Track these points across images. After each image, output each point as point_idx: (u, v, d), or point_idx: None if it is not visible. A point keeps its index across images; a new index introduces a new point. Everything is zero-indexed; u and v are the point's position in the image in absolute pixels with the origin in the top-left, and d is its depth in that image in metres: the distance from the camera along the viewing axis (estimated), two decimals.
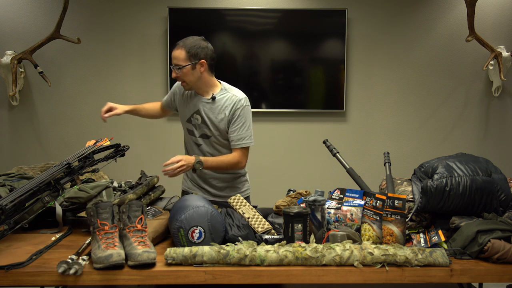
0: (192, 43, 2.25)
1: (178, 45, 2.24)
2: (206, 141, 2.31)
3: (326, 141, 2.19)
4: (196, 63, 2.21)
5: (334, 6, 3.86)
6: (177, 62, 2.19)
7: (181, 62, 2.19)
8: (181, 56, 2.20)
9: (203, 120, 2.28)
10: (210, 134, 2.29)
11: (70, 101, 3.90)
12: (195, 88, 2.29)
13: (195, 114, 2.30)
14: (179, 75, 2.21)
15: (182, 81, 2.23)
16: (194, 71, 2.22)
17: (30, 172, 2.21)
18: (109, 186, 1.95)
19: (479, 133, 4.01)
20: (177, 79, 2.24)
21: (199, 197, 1.78)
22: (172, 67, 2.23)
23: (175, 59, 2.20)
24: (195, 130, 2.32)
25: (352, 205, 1.76)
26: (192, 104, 2.31)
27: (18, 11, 3.80)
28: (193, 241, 1.59)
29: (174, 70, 2.20)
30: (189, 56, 2.21)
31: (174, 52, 2.22)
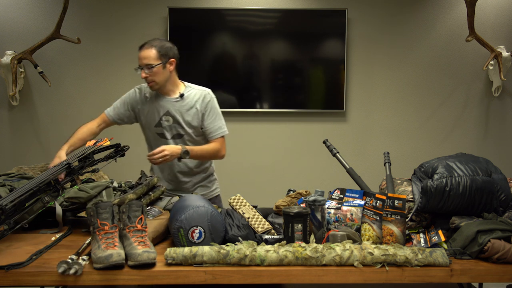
0: (160, 43, 2.26)
1: (146, 45, 2.24)
2: (178, 141, 2.33)
3: (326, 141, 2.19)
4: (166, 62, 2.25)
5: (334, 6, 3.86)
6: (148, 62, 2.20)
7: (152, 61, 2.21)
8: (152, 55, 2.22)
9: (175, 119, 2.30)
10: (183, 132, 2.32)
11: (70, 101, 3.90)
12: (162, 88, 2.30)
13: (165, 116, 2.32)
14: (149, 75, 2.21)
15: (151, 81, 2.23)
16: (165, 70, 2.26)
17: (30, 172, 2.21)
18: (109, 186, 1.95)
19: (479, 133, 4.01)
20: (146, 80, 2.23)
21: (199, 197, 1.78)
22: (139, 68, 2.22)
23: (145, 58, 2.21)
24: (166, 132, 2.33)
25: (352, 205, 1.76)
26: (158, 107, 2.32)
27: (18, 11, 3.80)
28: (193, 241, 1.59)
29: (144, 70, 2.20)
30: (160, 55, 2.23)
31: (144, 53, 2.22)
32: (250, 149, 3.97)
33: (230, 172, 3.95)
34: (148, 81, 2.25)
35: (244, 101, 3.90)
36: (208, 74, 3.90)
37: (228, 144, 2.50)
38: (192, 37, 3.82)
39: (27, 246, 1.65)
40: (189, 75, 3.94)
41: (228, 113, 3.89)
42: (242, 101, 3.90)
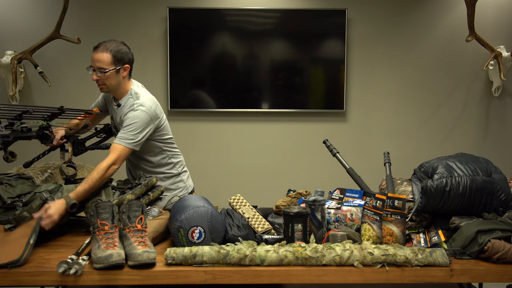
0: (116, 47, 2.17)
1: (101, 48, 2.14)
2: None
3: (326, 141, 2.19)
4: (120, 68, 2.17)
5: (334, 6, 3.86)
6: (101, 66, 2.12)
7: (106, 66, 2.12)
8: (107, 60, 2.13)
9: (114, 125, 2.32)
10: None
11: (70, 101, 3.89)
12: (113, 92, 2.24)
13: (111, 120, 2.36)
14: (100, 78, 2.14)
15: (102, 84, 2.17)
16: (117, 75, 2.17)
17: (30, 172, 2.21)
18: (108, 185, 1.96)
19: (479, 133, 4.01)
20: (97, 82, 2.17)
21: (199, 197, 1.78)
22: (92, 69, 2.16)
23: (99, 62, 2.12)
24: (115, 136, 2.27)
25: (352, 205, 1.76)
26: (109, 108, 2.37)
27: (18, 11, 3.80)
28: (193, 241, 1.59)
29: (96, 73, 2.14)
30: (114, 60, 2.14)
31: (98, 55, 2.13)
32: (250, 149, 3.97)
33: (230, 172, 3.96)
34: (98, 84, 2.18)
35: (244, 101, 3.90)
36: (208, 74, 3.90)
37: (228, 144, 2.50)
38: (192, 37, 3.82)
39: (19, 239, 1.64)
40: (189, 75, 3.95)
41: (228, 113, 3.90)
42: (242, 101, 3.90)
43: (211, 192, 2.70)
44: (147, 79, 3.94)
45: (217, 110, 3.87)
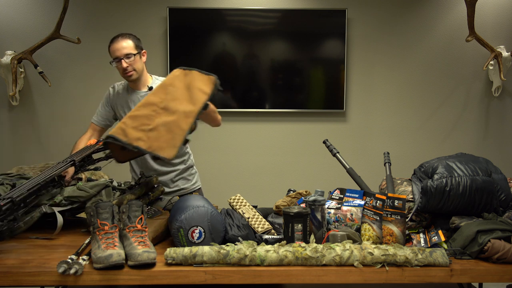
0: (131, 34, 2.33)
1: (120, 37, 2.28)
2: None
3: (326, 141, 2.19)
4: (140, 52, 2.31)
5: (334, 6, 3.86)
6: (127, 51, 2.25)
7: (132, 51, 2.25)
8: (131, 44, 2.27)
9: None
10: None
11: (70, 101, 3.90)
12: (138, 79, 2.31)
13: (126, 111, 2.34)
14: (130, 64, 2.24)
15: (132, 70, 2.25)
16: (141, 60, 2.30)
17: (30, 172, 2.21)
18: (109, 185, 1.96)
19: (479, 133, 4.01)
20: (127, 70, 2.25)
21: (199, 197, 1.78)
22: (116, 60, 2.25)
23: (125, 48, 2.25)
24: None
25: (352, 205, 1.76)
26: (130, 101, 2.35)
27: (18, 11, 3.80)
28: (193, 241, 1.59)
29: (124, 60, 2.23)
30: (135, 45, 2.29)
31: (121, 43, 2.25)
32: (250, 149, 3.97)
33: (230, 172, 3.96)
34: (128, 71, 2.26)
35: (244, 101, 3.90)
36: None
37: (228, 144, 2.51)
38: (192, 37, 3.82)
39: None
40: None
41: (228, 113, 3.89)
42: (242, 101, 3.90)
43: (211, 192, 2.71)
44: None
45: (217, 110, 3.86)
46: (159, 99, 1.70)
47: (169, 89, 1.72)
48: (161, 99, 1.70)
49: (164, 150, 1.62)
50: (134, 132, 1.64)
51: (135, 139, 1.63)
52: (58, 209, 1.83)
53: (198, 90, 1.71)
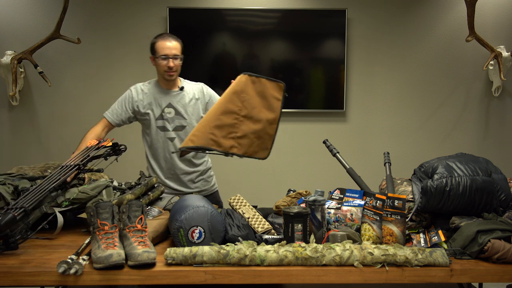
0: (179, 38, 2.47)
1: (171, 37, 2.42)
2: (180, 133, 2.43)
3: (326, 141, 2.19)
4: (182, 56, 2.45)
5: (334, 6, 3.86)
6: (176, 53, 2.39)
7: (179, 53, 2.41)
8: (179, 47, 2.42)
9: (177, 111, 2.43)
10: (185, 124, 2.43)
11: (70, 101, 3.90)
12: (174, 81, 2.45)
13: (167, 108, 2.42)
14: (175, 65, 2.38)
15: (175, 71, 2.40)
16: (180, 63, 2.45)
17: (30, 172, 2.21)
18: (109, 186, 1.96)
19: (479, 133, 4.01)
20: (172, 69, 2.37)
21: (199, 197, 1.78)
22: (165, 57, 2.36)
23: (175, 49, 2.39)
24: (168, 124, 2.42)
25: (352, 205, 1.76)
26: (160, 100, 2.43)
27: (18, 11, 3.80)
28: (193, 241, 1.59)
29: (172, 60, 2.37)
30: (181, 49, 2.44)
31: (173, 44, 2.39)
32: None
33: (230, 172, 3.95)
34: (173, 71, 2.39)
35: None
36: (208, 74, 3.90)
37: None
38: (192, 37, 3.82)
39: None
40: (189, 75, 3.94)
41: None
42: None
43: None
44: (147, 79, 3.93)
45: None
46: (237, 107, 1.88)
47: (244, 97, 1.89)
48: (239, 107, 1.88)
49: (258, 153, 1.92)
50: (226, 141, 1.86)
51: (229, 147, 1.87)
52: (59, 209, 1.84)
53: (273, 97, 1.90)
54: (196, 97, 2.47)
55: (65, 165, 1.93)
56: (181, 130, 2.44)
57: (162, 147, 2.45)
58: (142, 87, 2.49)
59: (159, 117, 2.42)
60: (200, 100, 2.48)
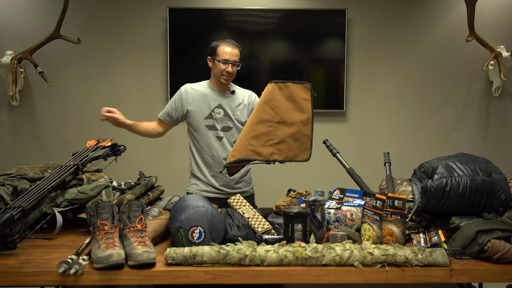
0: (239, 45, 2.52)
1: (233, 44, 2.49)
2: (226, 133, 2.49)
3: (326, 141, 2.19)
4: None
5: (334, 6, 3.86)
6: (236, 60, 2.47)
7: (238, 61, 2.49)
8: (239, 55, 2.49)
9: (226, 112, 2.49)
10: (232, 125, 2.49)
11: (70, 101, 3.90)
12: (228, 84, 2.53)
13: (217, 109, 2.49)
14: (233, 71, 2.46)
15: (231, 76, 2.48)
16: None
17: (30, 172, 2.21)
18: (109, 186, 1.96)
19: (479, 133, 4.01)
20: (231, 74, 2.47)
21: (199, 197, 1.78)
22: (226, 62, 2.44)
23: (236, 56, 2.47)
24: (217, 124, 2.49)
25: (352, 205, 1.76)
26: (210, 100, 2.50)
27: (18, 11, 3.80)
28: (193, 241, 1.59)
29: (232, 65, 2.45)
30: (240, 57, 2.50)
31: (235, 50, 2.47)
32: None
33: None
34: (230, 76, 2.47)
35: None
36: (208, 74, 3.89)
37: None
38: (192, 37, 3.82)
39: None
40: (189, 75, 3.94)
41: None
42: None
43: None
44: (147, 79, 3.94)
45: None
46: (269, 115, 1.95)
47: (273, 104, 1.95)
48: (271, 114, 1.95)
49: (299, 156, 1.98)
50: (265, 149, 1.94)
51: (270, 155, 1.94)
52: (58, 209, 1.84)
53: (302, 99, 1.96)
54: (244, 102, 2.54)
55: (64, 165, 1.93)
56: (228, 131, 2.49)
57: (210, 145, 2.49)
58: (192, 86, 2.57)
59: (209, 116, 2.49)
60: (247, 106, 2.55)
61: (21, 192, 1.81)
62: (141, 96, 3.90)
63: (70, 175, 1.90)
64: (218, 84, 2.52)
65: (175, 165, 3.87)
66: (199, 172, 2.55)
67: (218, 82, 2.51)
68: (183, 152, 3.11)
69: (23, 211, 1.61)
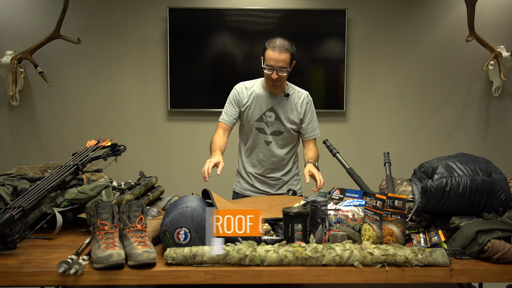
0: (291, 46, 2.34)
1: (281, 48, 2.29)
2: (276, 138, 2.43)
3: (326, 141, 2.19)
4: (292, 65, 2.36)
5: (334, 6, 3.86)
6: (283, 65, 2.28)
7: (287, 65, 2.30)
8: (288, 60, 2.30)
9: (277, 116, 2.41)
10: (283, 130, 2.42)
11: (70, 101, 3.90)
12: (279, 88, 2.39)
13: (268, 112, 2.41)
14: (279, 77, 2.29)
15: (278, 81, 2.32)
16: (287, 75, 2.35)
17: (30, 172, 2.21)
18: (109, 186, 1.96)
19: (479, 133, 4.01)
20: (276, 80, 2.31)
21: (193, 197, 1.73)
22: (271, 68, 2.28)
23: (282, 62, 2.27)
24: (267, 128, 2.43)
25: (353, 205, 1.75)
26: (263, 102, 2.41)
27: (18, 11, 3.80)
28: (180, 242, 1.56)
29: (277, 72, 2.28)
30: (291, 60, 2.33)
31: (281, 56, 2.27)
32: None
33: (230, 172, 3.95)
34: (276, 81, 2.32)
35: None
36: (208, 74, 3.90)
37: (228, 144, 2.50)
38: (192, 37, 3.82)
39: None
40: (189, 75, 3.95)
41: None
42: None
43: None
44: (147, 79, 3.94)
45: (217, 110, 3.86)
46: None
47: None
48: None
49: None
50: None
51: None
52: (58, 209, 1.83)
53: None
54: (297, 106, 2.43)
55: (64, 165, 1.93)
56: (279, 135, 2.44)
57: (258, 148, 2.47)
58: (246, 85, 2.50)
59: (259, 119, 2.43)
60: (300, 110, 2.44)
61: (21, 192, 1.80)
62: (141, 96, 3.90)
63: (70, 175, 1.90)
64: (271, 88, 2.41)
65: (175, 165, 3.88)
66: (244, 172, 2.56)
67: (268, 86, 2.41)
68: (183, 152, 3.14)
69: (23, 211, 1.61)
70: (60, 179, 1.83)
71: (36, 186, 1.77)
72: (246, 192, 2.52)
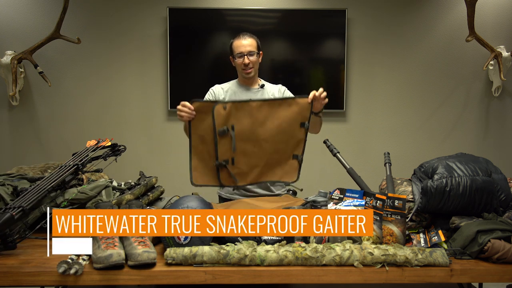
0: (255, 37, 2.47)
1: (246, 35, 2.43)
2: None
3: (326, 141, 2.19)
4: (259, 52, 2.46)
5: (334, 6, 3.86)
6: (251, 49, 2.39)
7: (255, 49, 2.41)
8: (254, 44, 2.42)
9: None
10: None
11: (70, 101, 3.90)
12: (253, 77, 2.45)
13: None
14: (251, 61, 2.38)
15: (251, 67, 2.40)
16: (258, 60, 2.44)
17: (30, 172, 2.21)
18: (109, 186, 1.96)
19: (479, 133, 4.01)
20: (247, 66, 2.39)
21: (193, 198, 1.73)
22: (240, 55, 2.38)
23: (250, 46, 2.40)
24: None
25: (353, 205, 1.75)
26: (240, 96, 2.43)
27: (18, 11, 3.80)
28: (180, 242, 1.56)
29: (247, 56, 2.38)
30: (257, 45, 2.44)
31: (247, 41, 2.40)
32: None
33: None
34: (248, 68, 2.39)
35: None
36: (208, 74, 3.90)
37: None
38: (192, 37, 3.82)
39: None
40: (189, 75, 3.95)
41: None
42: None
43: (211, 192, 2.70)
44: (147, 79, 3.94)
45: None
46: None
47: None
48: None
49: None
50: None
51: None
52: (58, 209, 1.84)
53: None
54: (275, 95, 2.48)
55: (64, 165, 1.93)
56: None
57: None
58: (221, 86, 2.52)
59: None
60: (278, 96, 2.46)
61: (21, 192, 1.80)
62: (141, 96, 3.90)
63: (70, 175, 1.90)
64: (245, 80, 2.46)
65: (175, 165, 3.87)
66: None
67: (243, 78, 2.45)
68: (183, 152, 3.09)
69: (23, 211, 1.61)
70: (60, 179, 1.83)
71: (36, 186, 1.77)
72: (233, 196, 2.42)
